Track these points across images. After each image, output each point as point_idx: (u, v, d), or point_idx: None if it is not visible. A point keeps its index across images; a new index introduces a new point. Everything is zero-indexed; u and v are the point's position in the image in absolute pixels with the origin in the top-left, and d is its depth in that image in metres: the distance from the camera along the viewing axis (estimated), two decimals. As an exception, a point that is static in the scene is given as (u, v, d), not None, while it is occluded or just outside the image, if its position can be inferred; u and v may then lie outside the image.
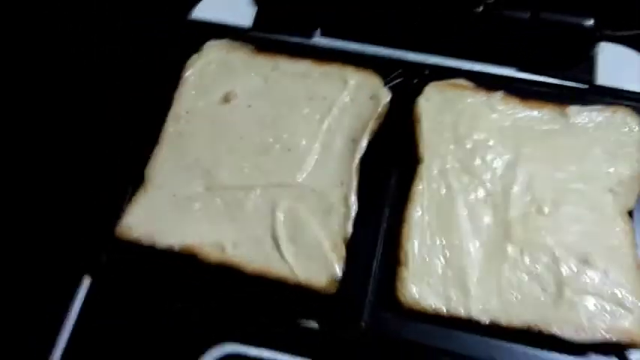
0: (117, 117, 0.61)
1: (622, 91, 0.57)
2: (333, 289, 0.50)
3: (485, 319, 0.46)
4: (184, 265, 0.51)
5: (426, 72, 0.61)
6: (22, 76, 0.67)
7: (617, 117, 0.54)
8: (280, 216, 0.52)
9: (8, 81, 0.66)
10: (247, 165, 0.55)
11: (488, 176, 0.52)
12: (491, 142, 0.54)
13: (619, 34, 0.60)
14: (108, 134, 0.60)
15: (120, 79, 0.64)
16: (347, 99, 0.58)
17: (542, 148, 0.53)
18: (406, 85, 0.60)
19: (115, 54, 0.66)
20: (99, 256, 0.52)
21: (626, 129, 0.53)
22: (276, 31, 0.65)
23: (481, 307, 0.47)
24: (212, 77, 0.60)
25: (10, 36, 0.69)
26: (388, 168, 0.56)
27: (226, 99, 0.59)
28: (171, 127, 0.57)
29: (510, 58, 0.60)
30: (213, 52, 0.62)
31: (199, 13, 0.66)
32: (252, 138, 0.56)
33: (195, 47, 0.62)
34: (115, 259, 0.52)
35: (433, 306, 0.47)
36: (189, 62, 0.61)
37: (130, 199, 0.53)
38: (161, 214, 0.52)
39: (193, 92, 0.59)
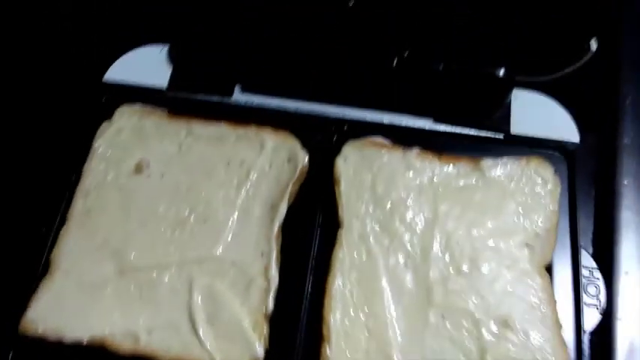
0: (19, 197, 0.57)
1: (535, 139, 0.58)
2: (255, 371, 0.48)
3: (410, 392, 0.45)
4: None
5: (345, 128, 0.60)
6: None
7: (531, 167, 0.54)
8: (197, 295, 0.50)
9: None
10: (160, 241, 0.52)
11: (407, 237, 0.52)
12: (409, 202, 0.53)
13: (532, 79, 0.61)
14: (9, 216, 0.56)
15: (24, 154, 0.60)
16: (264, 163, 0.56)
17: (459, 204, 0.53)
18: (325, 143, 0.59)
19: (19, 123, 0.62)
20: (5, 357, 0.48)
21: (540, 180, 0.54)
22: (194, 90, 0.63)
23: (405, 380, 0.46)
24: (123, 146, 0.57)
25: None
26: (310, 234, 0.54)
27: (138, 169, 0.56)
28: (79, 205, 0.54)
29: (427, 109, 0.60)
30: (125, 118, 0.59)
31: (113, 74, 0.64)
32: (166, 211, 0.54)
33: (108, 112, 0.60)
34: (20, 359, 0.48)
35: (357, 384, 0.46)
36: (99, 131, 0.58)
37: (34, 289, 0.50)
38: (68, 304, 0.49)
39: (103, 164, 0.56)
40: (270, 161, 0.56)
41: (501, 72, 0.58)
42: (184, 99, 0.63)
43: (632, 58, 0.62)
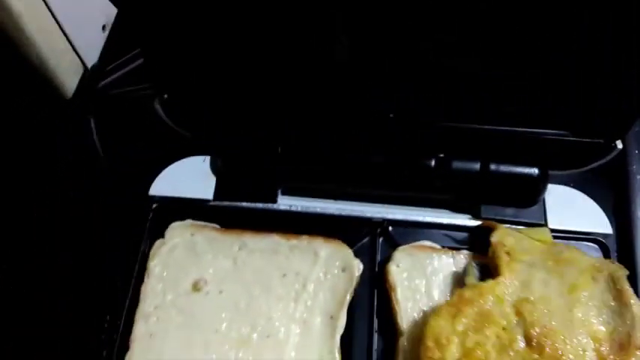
0: (75, 321, 0.60)
1: (572, 232, 0.64)
2: None
3: None
4: None
5: (390, 229, 0.65)
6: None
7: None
8: (268, 415, 0.53)
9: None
10: (227, 361, 0.56)
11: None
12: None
13: (562, 173, 0.68)
14: (65, 340, 0.59)
15: (77, 275, 0.63)
16: (320, 273, 0.61)
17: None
18: (372, 245, 0.64)
19: (69, 241, 0.65)
20: None
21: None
22: (238, 200, 0.68)
23: None
24: (179, 265, 0.61)
25: None
26: (369, 341, 0.59)
27: (196, 287, 0.60)
28: (141, 328, 0.58)
29: (466, 207, 0.66)
30: (177, 235, 0.63)
31: (156, 189, 0.68)
32: (228, 329, 0.58)
33: (157, 228, 0.64)
34: None
35: None
36: (153, 250, 0.62)
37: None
38: None
39: (160, 284, 0.60)
40: (325, 271, 0.61)
41: (536, 171, 0.65)
42: (230, 211, 0.67)
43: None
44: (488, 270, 0.59)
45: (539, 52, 0.56)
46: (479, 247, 0.63)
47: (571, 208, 0.66)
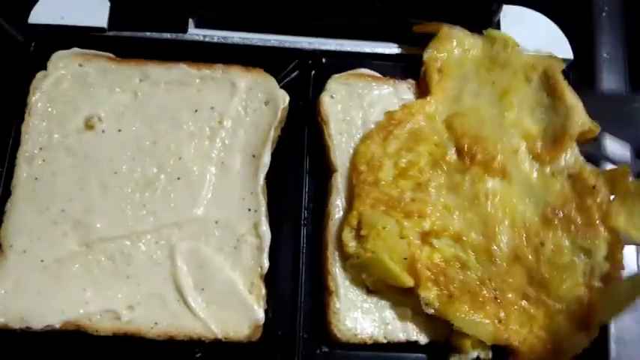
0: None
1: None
2: (257, 335, 0.47)
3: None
4: (71, 345, 0.45)
5: (324, 60, 0.57)
6: None
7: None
8: (181, 261, 0.48)
9: None
10: (129, 206, 0.49)
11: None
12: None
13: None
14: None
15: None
16: (239, 107, 0.53)
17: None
18: (303, 79, 0.56)
19: None
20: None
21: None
22: (139, 28, 0.58)
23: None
24: (66, 100, 0.52)
25: None
26: (299, 181, 0.53)
27: (88, 125, 0.52)
28: (24, 172, 0.50)
29: (411, 36, 0.58)
30: (62, 66, 0.53)
31: (37, 16, 0.57)
32: (130, 170, 0.50)
33: (41, 61, 0.54)
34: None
35: (371, 336, 0.46)
36: (34, 83, 0.52)
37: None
38: (30, 288, 0.46)
39: (45, 122, 0.51)
40: (245, 105, 0.53)
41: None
42: (129, 40, 0.57)
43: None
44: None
45: None
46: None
47: (529, 31, 0.59)
